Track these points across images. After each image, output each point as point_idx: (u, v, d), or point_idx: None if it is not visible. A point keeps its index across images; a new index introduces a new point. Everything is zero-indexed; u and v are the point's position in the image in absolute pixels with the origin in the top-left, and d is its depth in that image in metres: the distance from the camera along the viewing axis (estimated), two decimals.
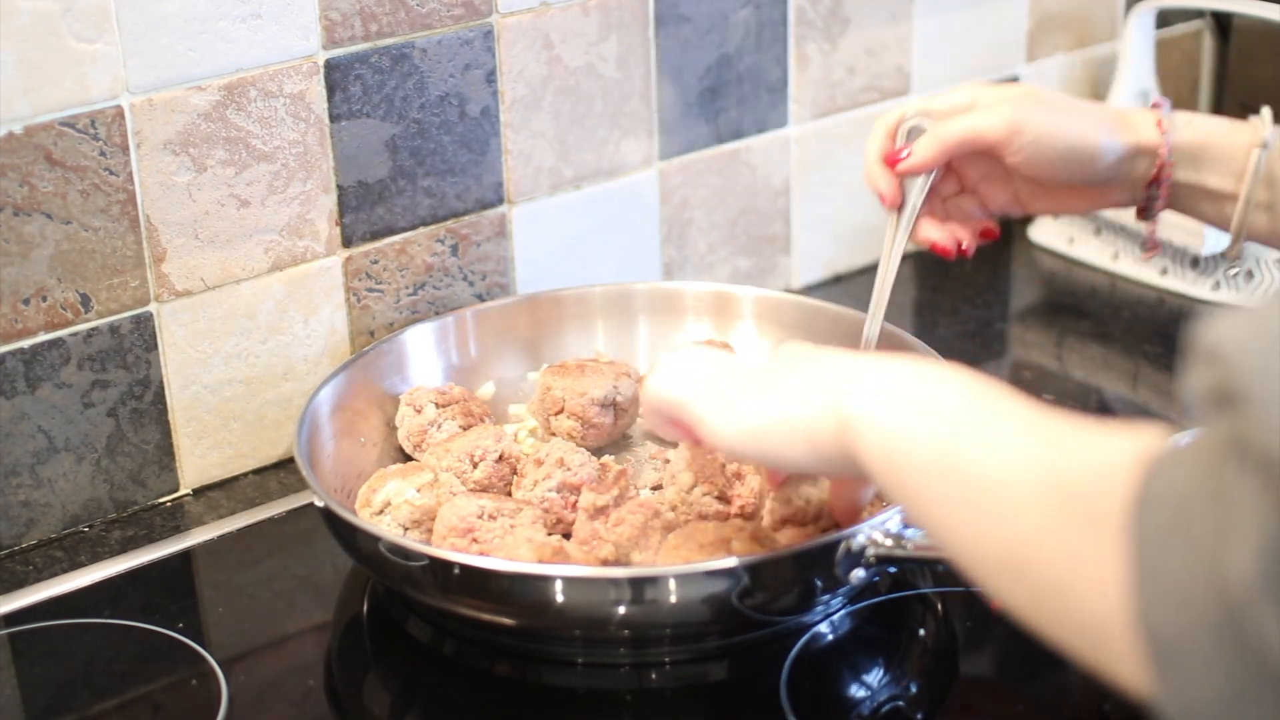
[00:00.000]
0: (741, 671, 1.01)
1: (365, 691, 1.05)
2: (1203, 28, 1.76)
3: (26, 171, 1.08)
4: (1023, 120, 1.06)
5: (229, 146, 1.17)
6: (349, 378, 1.19)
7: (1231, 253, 1.16)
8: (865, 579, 0.98)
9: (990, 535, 0.70)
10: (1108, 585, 0.61)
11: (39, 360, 1.12)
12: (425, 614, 1.05)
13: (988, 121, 1.07)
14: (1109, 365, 1.43)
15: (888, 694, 1.01)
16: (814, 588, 0.99)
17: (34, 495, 1.15)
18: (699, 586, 0.95)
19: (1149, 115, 1.10)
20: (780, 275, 1.53)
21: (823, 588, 0.99)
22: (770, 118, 1.47)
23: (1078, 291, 1.57)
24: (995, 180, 1.12)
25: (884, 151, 1.12)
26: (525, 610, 0.97)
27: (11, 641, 1.06)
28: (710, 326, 1.30)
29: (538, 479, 1.09)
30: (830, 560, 0.96)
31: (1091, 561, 0.63)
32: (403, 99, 1.24)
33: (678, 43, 1.38)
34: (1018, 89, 1.15)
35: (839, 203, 1.55)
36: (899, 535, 0.96)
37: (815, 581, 0.99)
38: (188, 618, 1.08)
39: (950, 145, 1.08)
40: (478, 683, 1.02)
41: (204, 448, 1.22)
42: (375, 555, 1.00)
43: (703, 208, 1.45)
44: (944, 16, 1.56)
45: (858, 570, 0.97)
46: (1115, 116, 1.10)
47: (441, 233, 1.30)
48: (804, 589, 0.99)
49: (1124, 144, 1.08)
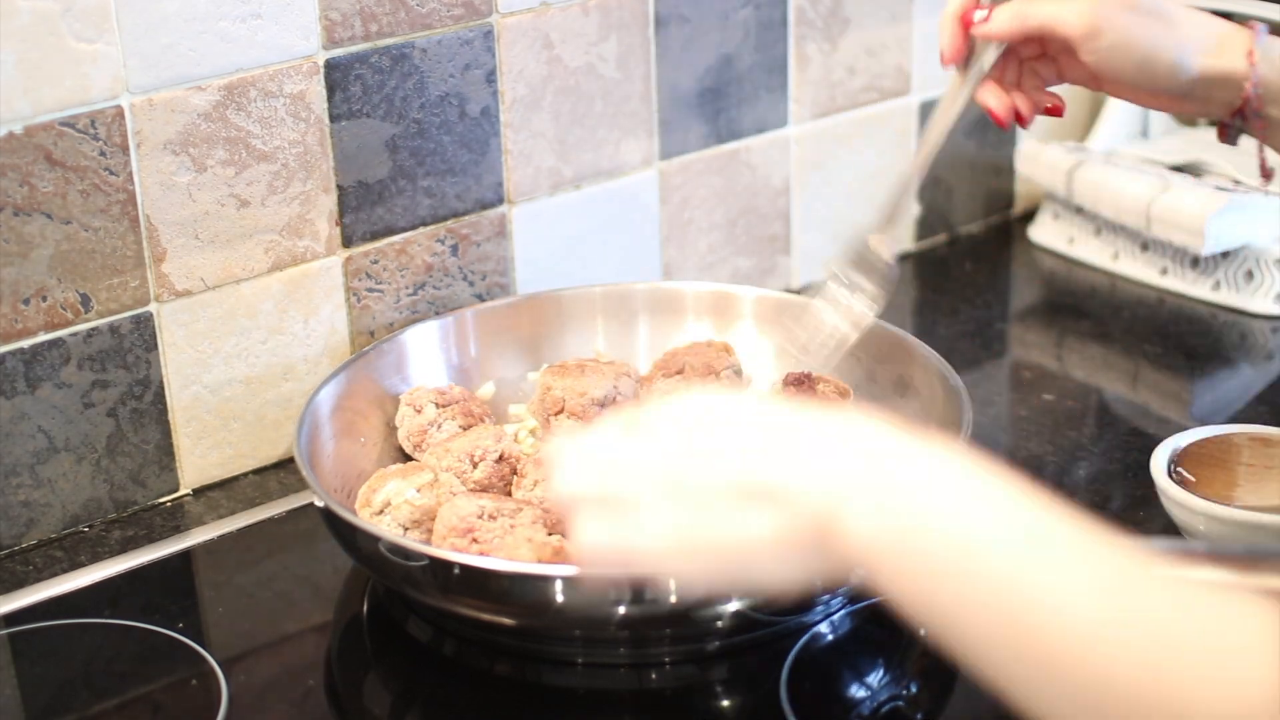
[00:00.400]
0: (741, 671, 1.01)
1: (365, 691, 1.05)
2: None
3: (26, 171, 1.08)
4: (1104, 22, 1.03)
5: (229, 146, 1.17)
6: (349, 378, 1.19)
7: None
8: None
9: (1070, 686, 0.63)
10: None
11: (39, 360, 1.12)
12: (425, 614, 1.05)
13: (1068, 16, 1.04)
14: (1109, 365, 1.43)
15: (888, 694, 1.01)
16: (814, 588, 0.99)
17: (34, 495, 1.15)
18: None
19: (1243, 39, 1.04)
20: (780, 275, 1.53)
21: (823, 588, 0.99)
22: (770, 118, 1.47)
23: (1078, 291, 1.57)
24: (1076, 55, 1.08)
25: (964, 6, 1.08)
26: (525, 610, 0.97)
27: (11, 641, 1.06)
28: (710, 326, 1.30)
29: (538, 479, 1.09)
30: None
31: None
32: (403, 99, 1.24)
33: (678, 43, 1.38)
34: None
35: (839, 203, 1.55)
36: None
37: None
38: (188, 618, 1.08)
39: (1030, 28, 1.05)
40: (478, 683, 1.02)
41: (204, 448, 1.22)
42: (375, 555, 1.00)
43: (703, 208, 1.45)
44: None
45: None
46: (1205, 35, 1.04)
47: (441, 233, 1.30)
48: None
49: (1205, 67, 1.04)
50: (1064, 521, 0.65)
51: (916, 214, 1.62)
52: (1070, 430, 1.30)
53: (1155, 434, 1.24)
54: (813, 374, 1.18)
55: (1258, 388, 1.40)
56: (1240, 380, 1.41)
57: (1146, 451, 1.16)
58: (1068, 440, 1.28)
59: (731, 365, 1.22)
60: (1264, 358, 1.43)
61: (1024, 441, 1.28)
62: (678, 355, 1.23)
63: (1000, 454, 1.26)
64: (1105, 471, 1.23)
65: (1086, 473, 1.23)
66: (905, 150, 1.58)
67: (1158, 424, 1.32)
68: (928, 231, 1.64)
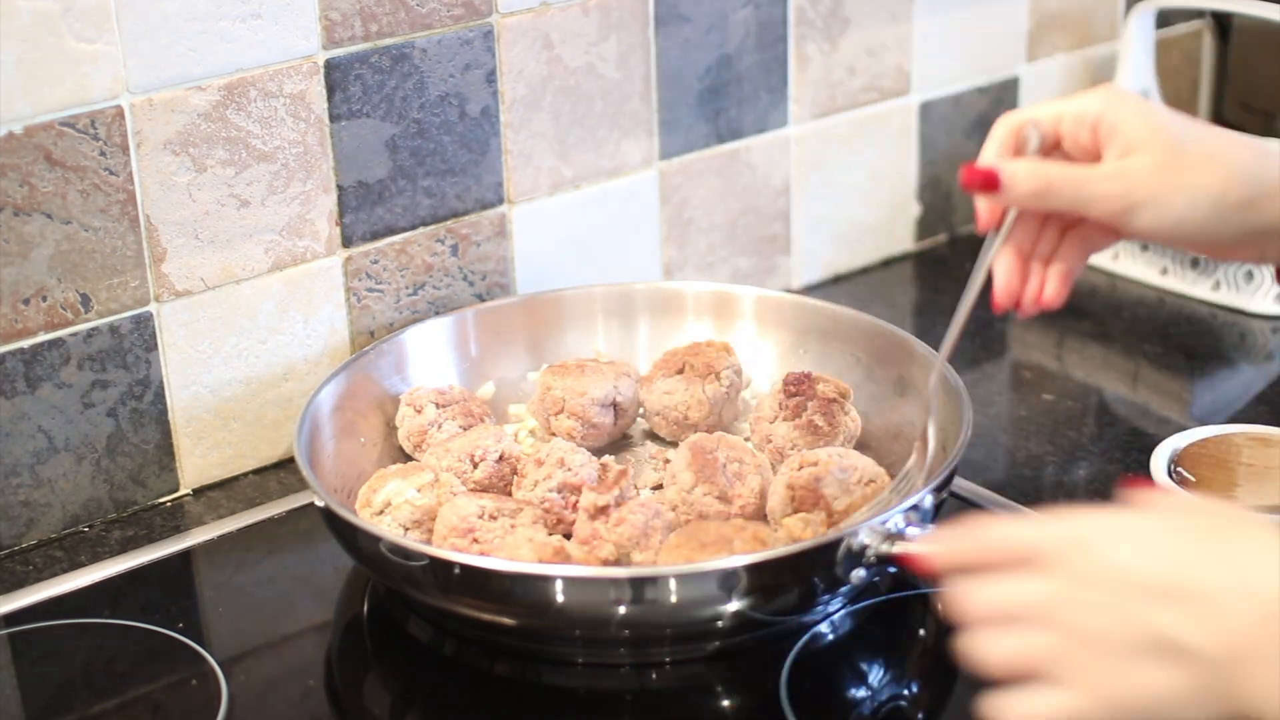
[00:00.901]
0: (742, 671, 1.01)
1: (365, 691, 1.05)
2: (1202, 28, 1.76)
3: (26, 171, 1.08)
4: (1137, 192, 0.91)
5: (229, 146, 1.17)
6: (349, 378, 1.19)
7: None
8: (866, 579, 0.97)
9: None
10: None
11: (39, 360, 1.12)
12: (426, 614, 1.05)
13: (1095, 194, 0.91)
14: (1109, 365, 1.43)
15: (888, 694, 1.01)
16: (814, 588, 0.99)
17: (34, 495, 1.15)
18: (700, 586, 0.95)
19: None
20: (780, 275, 1.53)
21: (823, 588, 0.99)
22: (770, 118, 1.47)
23: (1078, 291, 1.55)
24: None
25: (997, 158, 0.95)
26: (526, 610, 0.97)
27: (11, 641, 1.06)
28: (710, 326, 1.30)
29: (538, 479, 1.09)
30: (831, 560, 0.96)
31: None
32: (403, 99, 1.24)
33: (678, 43, 1.38)
34: (1154, 129, 0.92)
35: (839, 202, 1.55)
36: (899, 535, 0.96)
37: (815, 581, 0.99)
38: (188, 618, 1.08)
39: (1050, 205, 0.93)
40: (478, 683, 1.02)
41: (204, 448, 1.22)
42: (376, 555, 1.00)
43: (703, 208, 1.45)
44: (944, 16, 1.56)
45: (858, 570, 0.97)
46: (1249, 191, 0.91)
47: (441, 233, 1.30)
48: (804, 589, 0.99)
49: (1254, 227, 0.92)
50: None
51: (917, 214, 1.62)
52: (1070, 430, 1.30)
53: (1155, 434, 1.24)
54: (812, 374, 1.18)
55: (1258, 388, 1.40)
56: (1240, 380, 1.41)
57: (1146, 451, 1.16)
58: (1067, 440, 1.28)
59: (731, 365, 1.22)
60: (1264, 358, 1.43)
61: (1024, 441, 1.28)
62: (678, 355, 1.23)
63: (1000, 454, 1.27)
64: (1105, 471, 1.23)
65: (1086, 473, 1.23)
66: (905, 150, 1.58)
67: (1158, 424, 1.32)
68: (927, 231, 1.64)
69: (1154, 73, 1.64)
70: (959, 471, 1.21)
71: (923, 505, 0.99)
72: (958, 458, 1.05)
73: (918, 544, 0.95)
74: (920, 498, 0.99)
